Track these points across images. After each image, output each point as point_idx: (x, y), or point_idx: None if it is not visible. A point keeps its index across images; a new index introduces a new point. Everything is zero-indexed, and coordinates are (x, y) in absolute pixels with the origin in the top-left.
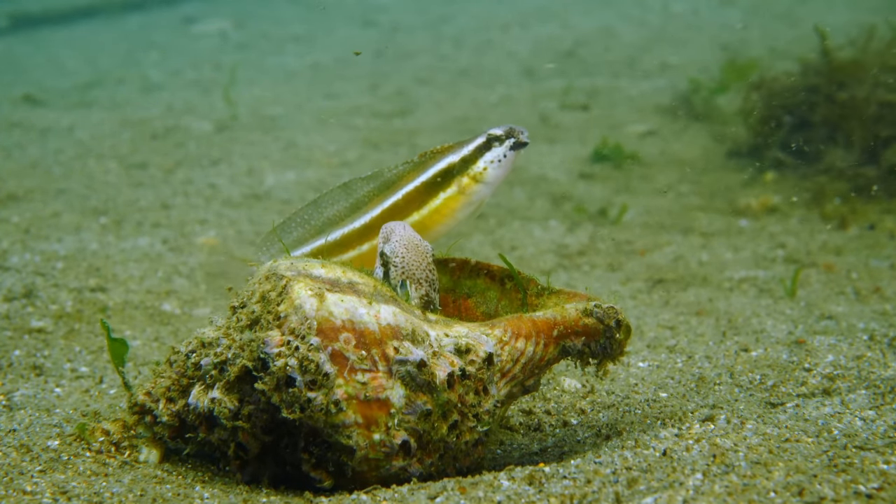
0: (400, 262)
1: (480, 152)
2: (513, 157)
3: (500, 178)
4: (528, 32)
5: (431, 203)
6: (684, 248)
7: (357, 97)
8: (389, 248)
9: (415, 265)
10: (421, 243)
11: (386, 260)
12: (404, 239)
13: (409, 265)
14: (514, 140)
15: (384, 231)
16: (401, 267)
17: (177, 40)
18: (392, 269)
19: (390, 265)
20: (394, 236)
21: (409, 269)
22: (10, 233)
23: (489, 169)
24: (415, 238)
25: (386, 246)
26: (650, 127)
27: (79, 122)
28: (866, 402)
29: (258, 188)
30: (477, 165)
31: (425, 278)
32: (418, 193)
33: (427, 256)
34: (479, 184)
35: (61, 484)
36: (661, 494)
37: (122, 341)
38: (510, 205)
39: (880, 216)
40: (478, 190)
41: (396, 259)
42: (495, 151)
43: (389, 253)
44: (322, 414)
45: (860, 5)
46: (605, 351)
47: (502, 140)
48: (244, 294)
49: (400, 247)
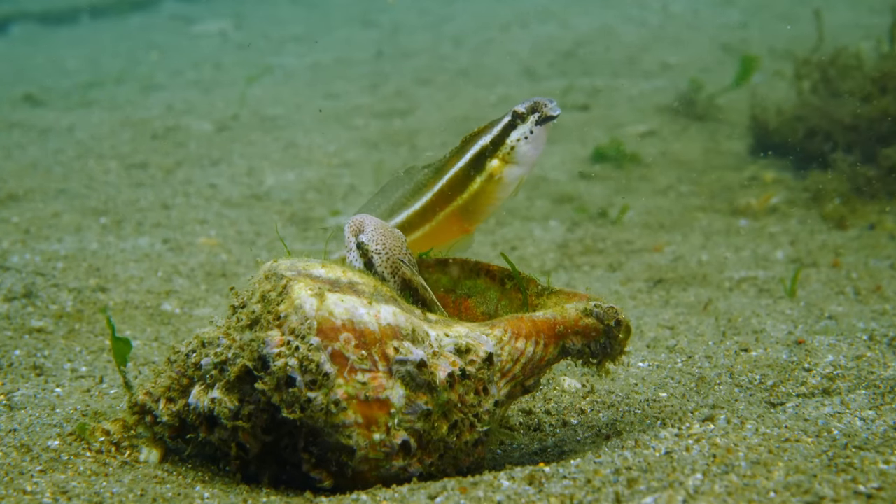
0: (384, 249)
1: (507, 132)
2: (541, 132)
3: (531, 154)
4: (528, 32)
5: (471, 187)
6: (684, 248)
7: (357, 97)
8: (366, 237)
9: (397, 250)
10: (395, 230)
11: (366, 249)
12: (379, 227)
13: (392, 251)
14: (539, 114)
15: (353, 223)
16: (385, 254)
17: (177, 40)
18: (376, 257)
19: (372, 254)
20: (367, 227)
21: (393, 255)
22: (10, 233)
23: (517, 148)
24: (388, 225)
25: (362, 236)
26: (650, 127)
27: (79, 122)
28: (866, 402)
29: (258, 188)
30: (505, 146)
31: (409, 262)
32: (458, 179)
33: (403, 242)
34: (509, 165)
35: (61, 484)
36: (661, 494)
37: (125, 340)
38: (510, 205)
39: (880, 216)
40: (510, 171)
41: (378, 247)
42: (521, 129)
43: (368, 241)
44: (322, 414)
45: (860, 5)
46: (605, 351)
47: (525, 116)
48: (244, 294)
49: (378, 234)
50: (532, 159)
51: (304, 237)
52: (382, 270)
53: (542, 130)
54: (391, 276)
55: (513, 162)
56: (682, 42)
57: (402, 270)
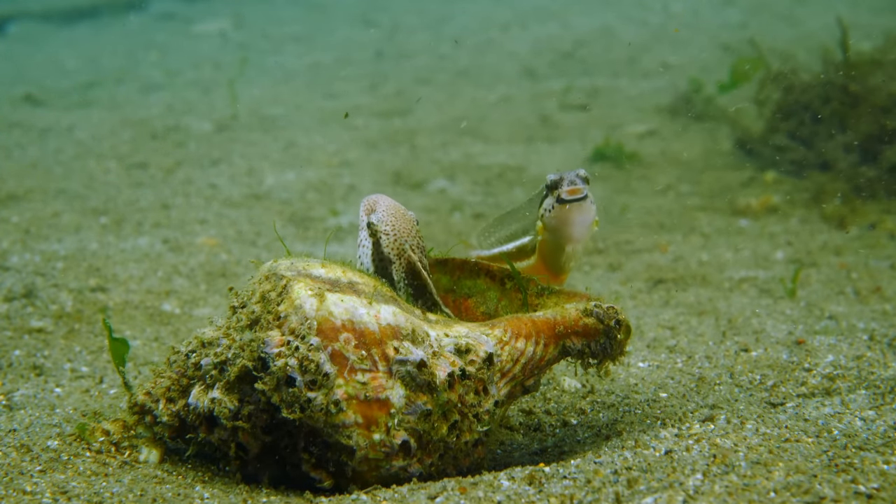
0: (391, 231)
1: (542, 199)
2: (561, 211)
3: (558, 226)
4: (528, 32)
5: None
6: (684, 248)
7: (357, 97)
8: (376, 217)
9: (405, 233)
10: (406, 212)
11: (375, 230)
12: (391, 208)
13: (400, 233)
14: (557, 194)
15: (368, 202)
16: (392, 235)
17: (177, 40)
18: (384, 237)
19: (381, 234)
20: (379, 206)
21: (400, 237)
22: (10, 233)
23: (545, 217)
24: (400, 207)
25: (373, 216)
26: (650, 127)
27: (79, 122)
28: (866, 402)
29: (258, 188)
30: (540, 212)
31: (417, 245)
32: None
33: (414, 224)
34: (546, 231)
35: (61, 484)
36: (661, 494)
37: (123, 341)
38: (510, 205)
39: (880, 216)
40: (548, 238)
41: (387, 227)
42: (547, 201)
43: (377, 222)
44: (322, 414)
45: (860, 5)
46: (605, 351)
47: (552, 190)
48: (244, 294)
49: (388, 216)
50: (560, 229)
51: (304, 237)
52: (389, 252)
53: (561, 210)
54: (397, 258)
55: (547, 229)
56: (682, 42)
57: (407, 254)
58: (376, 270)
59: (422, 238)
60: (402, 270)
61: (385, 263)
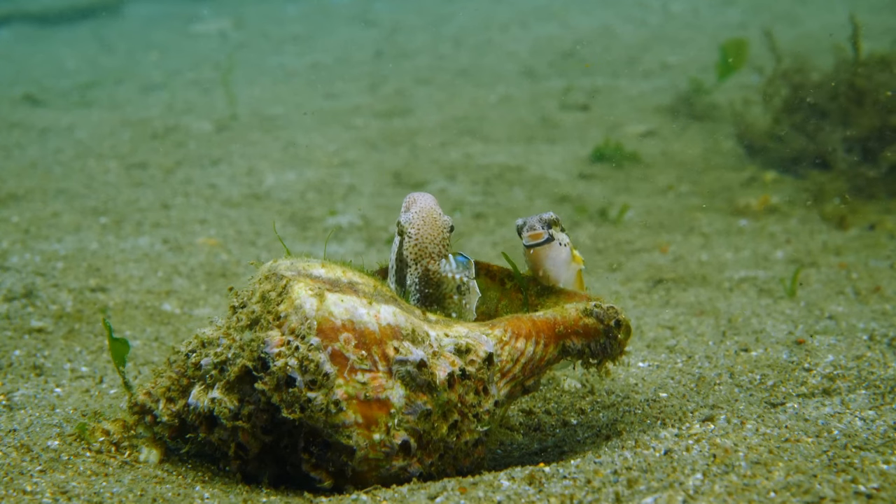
0: (415, 234)
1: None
2: (528, 254)
3: (533, 269)
4: (528, 32)
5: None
6: (684, 248)
7: (357, 97)
8: (406, 217)
9: (428, 239)
10: (440, 217)
11: (401, 229)
12: (423, 211)
13: (423, 238)
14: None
15: (408, 200)
16: (415, 238)
17: (176, 40)
18: (406, 239)
19: (405, 235)
20: (414, 206)
21: (422, 243)
22: (10, 233)
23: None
24: (434, 211)
25: (404, 215)
26: (650, 127)
27: (79, 122)
28: (866, 402)
29: (258, 188)
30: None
31: (439, 253)
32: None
33: (443, 231)
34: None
35: (61, 484)
36: (661, 494)
37: (123, 341)
38: (510, 205)
39: (880, 216)
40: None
41: (412, 230)
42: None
43: (405, 223)
44: (322, 414)
45: (860, 5)
46: (605, 351)
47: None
48: (244, 294)
49: (417, 218)
50: (539, 275)
51: (304, 237)
52: (407, 255)
53: (527, 255)
54: (414, 262)
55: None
56: (681, 42)
57: (424, 262)
58: (396, 270)
59: (449, 246)
60: (415, 275)
61: (402, 265)
